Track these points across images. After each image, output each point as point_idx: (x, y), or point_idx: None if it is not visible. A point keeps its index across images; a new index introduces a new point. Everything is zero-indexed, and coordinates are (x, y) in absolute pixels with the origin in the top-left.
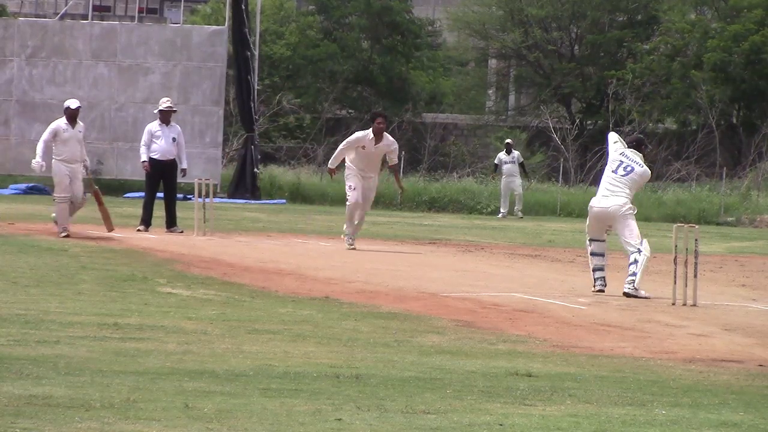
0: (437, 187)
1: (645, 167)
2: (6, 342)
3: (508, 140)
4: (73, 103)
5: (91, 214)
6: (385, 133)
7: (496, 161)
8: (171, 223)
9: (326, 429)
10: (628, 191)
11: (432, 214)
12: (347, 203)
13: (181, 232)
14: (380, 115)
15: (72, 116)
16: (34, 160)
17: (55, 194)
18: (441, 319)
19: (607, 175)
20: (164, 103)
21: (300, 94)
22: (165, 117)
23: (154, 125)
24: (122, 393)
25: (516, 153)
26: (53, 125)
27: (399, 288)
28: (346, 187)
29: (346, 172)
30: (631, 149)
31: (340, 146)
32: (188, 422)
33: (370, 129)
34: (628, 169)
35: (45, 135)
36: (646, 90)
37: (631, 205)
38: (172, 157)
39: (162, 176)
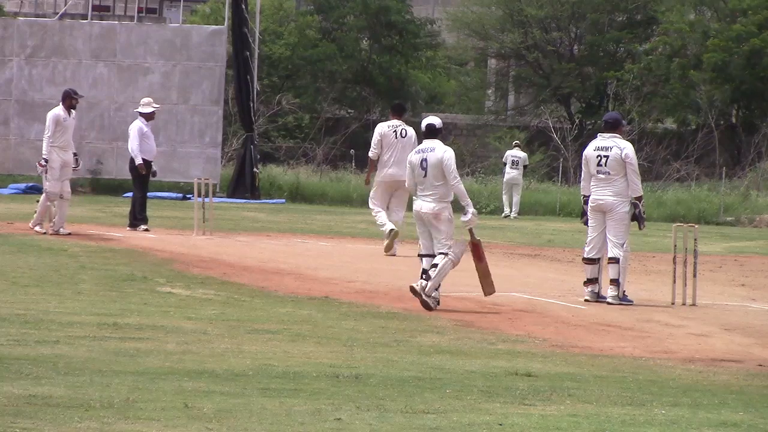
0: None
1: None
2: (6, 342)
3: (517, 141)
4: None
5: (90, 214)
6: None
7: (504, 159)
8: (144, 220)
9: (326, 429)
10: None
11: None
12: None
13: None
14: None
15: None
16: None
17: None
18: (440, 319)
19: None
20: (152, 104)
21: (299, 94)
22: (151, 117)
23: (143, 126)
24: (122, 393)
25: (523, 155)
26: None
27: (399, 288)
28: None
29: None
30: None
31: None
32: (187, 422)
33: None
34: None
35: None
36: (646, 90)
37: None
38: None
39: (147, 175)
